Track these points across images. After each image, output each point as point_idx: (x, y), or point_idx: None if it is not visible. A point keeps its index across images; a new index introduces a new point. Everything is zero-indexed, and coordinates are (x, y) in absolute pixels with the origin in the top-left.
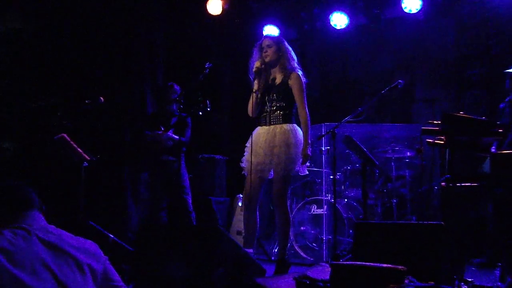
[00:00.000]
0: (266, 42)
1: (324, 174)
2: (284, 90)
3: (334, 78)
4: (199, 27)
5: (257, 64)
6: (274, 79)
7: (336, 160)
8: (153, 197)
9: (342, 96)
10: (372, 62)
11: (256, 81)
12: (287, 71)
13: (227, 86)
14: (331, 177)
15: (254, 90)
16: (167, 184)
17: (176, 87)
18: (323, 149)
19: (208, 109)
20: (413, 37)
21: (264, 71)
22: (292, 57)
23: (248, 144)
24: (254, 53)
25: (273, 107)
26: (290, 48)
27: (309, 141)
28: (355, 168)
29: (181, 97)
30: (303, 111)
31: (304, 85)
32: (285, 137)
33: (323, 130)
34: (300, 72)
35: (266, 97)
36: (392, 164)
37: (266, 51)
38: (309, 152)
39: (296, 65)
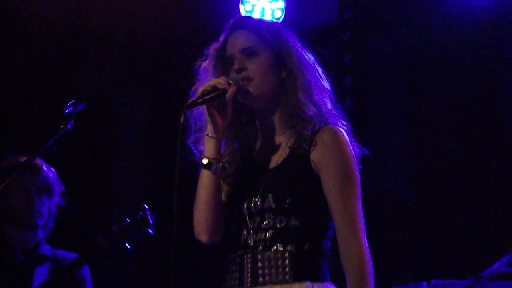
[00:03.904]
0: (240, 42)
1: None
2: (297, 182)
3: (459, 138)
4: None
5: (216, 81)
6: (268, 148)
7: None
8: None
9: (482, 196)
10: None
11: (210, 134)
12: (306, 126)
13: (141, 165)
14: None
15: (204, 160)
16: None
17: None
18: None
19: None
20: None
21: (232, 111)
22: (321, 84)
23: None
24: (202, 74)
25: (265, 232)
26: (312, 59)
27: None
28: None
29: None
30: (352, 241)
31: (355, 164)
32: None
33: None
34: (343, 129)
35: (245, 205)
36: None
37: (242, 67)
38: None
39: (330, 106)
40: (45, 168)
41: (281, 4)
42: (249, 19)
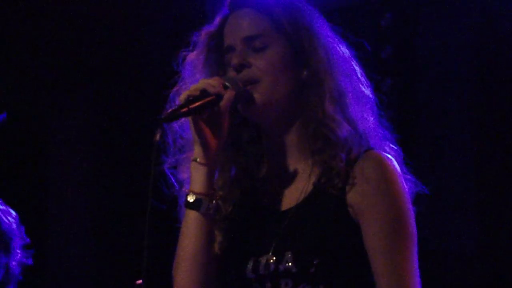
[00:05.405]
0: (244, 27)
1: None
2: (328, 234)
3: None
4: None
5: (206, 82)
6: (280, 180)
7: None
8: None
9: None
10: None
11: (199, 159)
12: (338, 152)
13: (88, 204)
14: None
15: (190, 196)
16: None
17: None
18: None
19: None
20: None
21: (229, 126)
22: (360, 90)
23: None
24: (187, 71)
25: None
26: (347, 54)
27: None
28: None
29: None
30: None
31: (410, 206)
32: None
33: None
34: (391, 157)
35: (249, 264)
36: None
37: (244, 63)
38: None
39: (372, 123)
40: None
41: None
42: None
